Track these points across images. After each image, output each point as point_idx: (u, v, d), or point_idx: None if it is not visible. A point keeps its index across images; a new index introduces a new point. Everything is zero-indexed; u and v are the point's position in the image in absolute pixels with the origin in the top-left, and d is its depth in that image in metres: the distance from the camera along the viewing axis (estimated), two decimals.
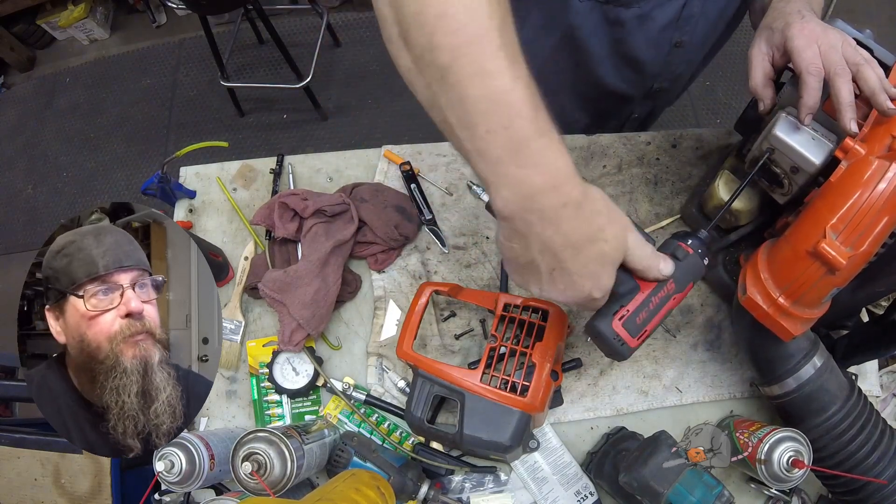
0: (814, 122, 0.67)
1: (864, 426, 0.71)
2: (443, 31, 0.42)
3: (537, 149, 0.44)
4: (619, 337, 0.56)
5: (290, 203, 0.96)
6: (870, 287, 0.72)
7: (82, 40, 2.82)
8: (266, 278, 0.91)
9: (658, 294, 0.57)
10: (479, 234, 1.01)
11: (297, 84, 2.25)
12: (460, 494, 0.84)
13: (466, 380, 0.78)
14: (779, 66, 0.69)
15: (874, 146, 0.60)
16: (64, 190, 2.54)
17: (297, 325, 0.88)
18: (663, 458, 0.69)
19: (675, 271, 0.57)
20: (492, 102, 0.42)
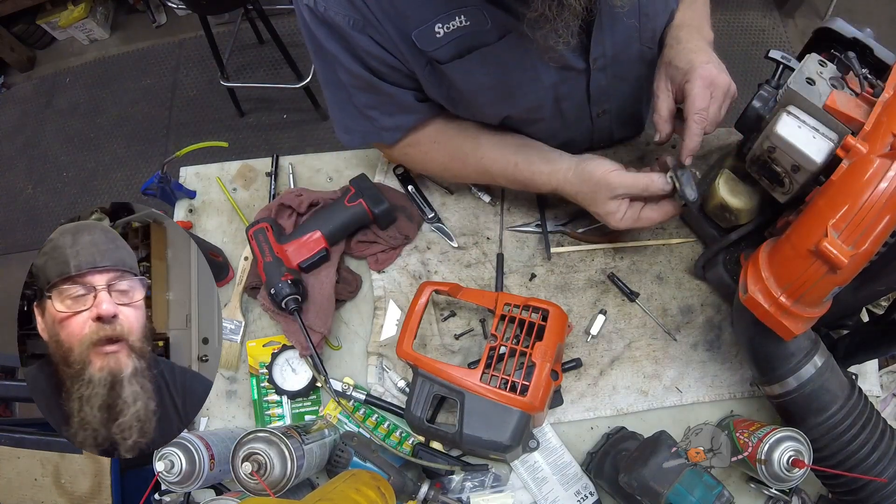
0: (815, 121, 0.67)
1: (865, 426, 0.71)
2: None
3: (537, 169, 0.85)
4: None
5: (286, 201, 0.97)
6: (871, 286, 0.72)
7: (82, 40, 2.82)
8: (263, 293, 0.92)
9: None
10: (480, 233, 1.01)
11: (297, 84, 2.25)
12: (460, 494, 0.84)
13: (466, 379, 0.78)
14: (679, 102, 0.77)
15: (876, 145, 0.60)
16: (64, 190, 2.54)
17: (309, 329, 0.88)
18: (663, 458, 0.69)
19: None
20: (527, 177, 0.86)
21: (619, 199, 0.79)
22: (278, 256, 0.88)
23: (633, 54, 0.82)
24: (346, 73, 0.78)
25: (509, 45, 0.72)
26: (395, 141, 0.89)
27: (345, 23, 0.70)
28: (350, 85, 0.80)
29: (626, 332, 0.93)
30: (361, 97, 0.82)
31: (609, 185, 0.78)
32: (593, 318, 0.93)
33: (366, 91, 0.80)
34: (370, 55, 0.74)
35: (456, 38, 0.71)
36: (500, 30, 0.71)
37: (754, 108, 0.74)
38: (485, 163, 0.87)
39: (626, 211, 0.80)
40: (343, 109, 0.85)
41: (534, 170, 0.84)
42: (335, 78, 0.80)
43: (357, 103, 0.83)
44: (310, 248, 0.91)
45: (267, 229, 0.91)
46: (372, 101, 0.82)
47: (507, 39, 0.72)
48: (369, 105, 0.83)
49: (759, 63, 2.31)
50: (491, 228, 1.01)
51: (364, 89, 0.80)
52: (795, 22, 2.50)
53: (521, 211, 1.01)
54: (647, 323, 0.94)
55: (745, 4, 2.52)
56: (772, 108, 0.74)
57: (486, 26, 0.70)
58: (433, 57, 0.73)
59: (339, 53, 0.74)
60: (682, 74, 0.74)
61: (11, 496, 1.10)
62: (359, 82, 0.79)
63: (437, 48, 0.72)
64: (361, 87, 0.80)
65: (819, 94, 0.67)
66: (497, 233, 1.00)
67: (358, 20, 0.70)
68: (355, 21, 0.70)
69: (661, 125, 0.78)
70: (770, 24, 2.49)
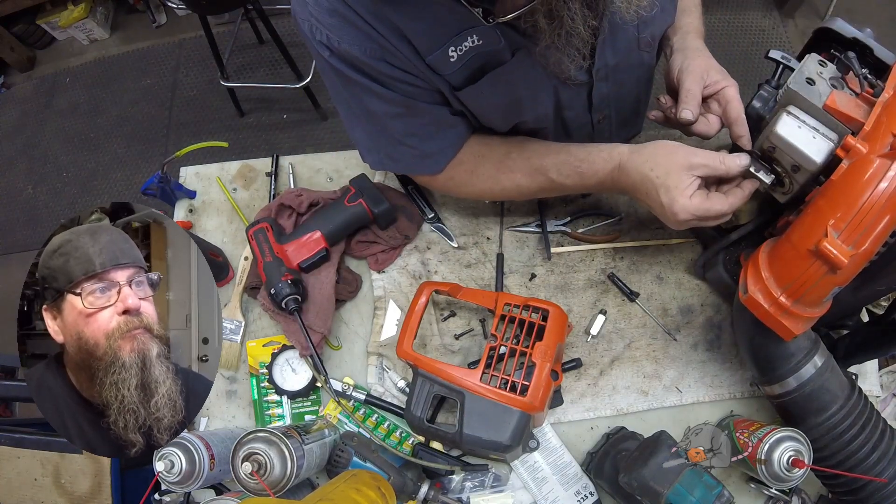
0: (815, 121, 0.67)
1: (865, 426, 0.71)
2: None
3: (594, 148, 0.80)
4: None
5: (286, 201, 0.97)
6: (870, 286, 0.72)
7: (82, 40, 2.82)
8: (263, 293, 0.92)
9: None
10: (480, 233, 1.01)
11: (297, 84, 2.25)
12: (460, 494, 0.84)
13: (466, 379, 0.78)
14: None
15: (875, 145, 0.60)
16: (64, 190, 2.54)
17: (309, 329, 0.88)
18: (663, 458, 0.69)
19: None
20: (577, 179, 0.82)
21: (693, 177, 0.72)
22: (278, 256, 0.88)
23: (633, 61, 0.83)
24: (379, 101, 0.76)
25: (518, 63, 0.72)
26: (440, 168, 0.86)
27: (361, 53, 0.69)
28: (384, 114, 0.78)
29: (626, 332, 0.93)
30: (398, 125, 0.79)
31: (689, 154, 0.71)
32: (593, 318, 0.93)
33: (402, 118, 0.78)
34: (395, 79, 0.73)
35: (469, 58, 0.70)
36: (511, 46, 0.71)
37: (754, 108, 0.74)
38: (535, 160, 0.83)
39: (697, 191, 0.72)
40: (377, 140, 0.83)
41: (590, 150, 0.80)
42: (364, 110, 0.78)
43: (395, 133, 0.81)
44: (310, 248, 0.91)
45: (267, 229, 0.91)
46: (410, 128, 0.80)
47: (516, 57, 0.72)
48: (408, 132, 0.81)
49: (759, 63, 2.31)
50: (491, 228, 1.01)
51: (400, 116, 0.78)
52: (795, 22, 2.50)
53: (522, 211, 1.01)
54: (647, 323, 0.94)
55: (745, 4, 2.52)
56: (772, 108, 0.74)
57: (499, 45, 0.70)
58: (448, 81, 0.74)
59: (367, 83, 0.73)
60: (714, 83, 0.77)
61: (11, 496, 1.10)
62: (393, 108, 0.77)
63: (451, 72, 0.72)
64: (397, 114, 0.77)
65: (819, 94, 0.67)
66: (497, 233, 1.00)
67: (375, 49, 0.69)
68: (372, 50, 0.69)
69: (695, 109, 0.76)
70: (770, 24, 2.49)
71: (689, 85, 0.76)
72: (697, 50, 0.81)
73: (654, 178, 0.72)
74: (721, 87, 0.76)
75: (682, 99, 0.76)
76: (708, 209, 0.71)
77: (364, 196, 0.93)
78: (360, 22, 0.67)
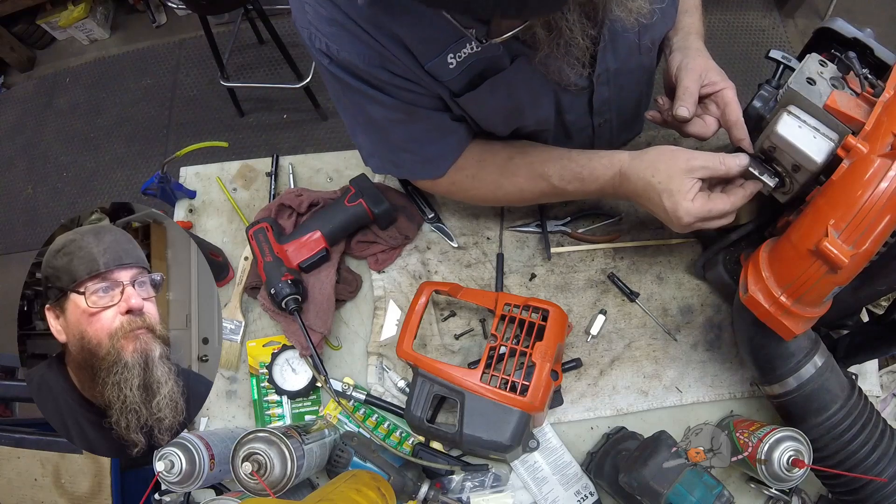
0: (815, 121, 0.67)
1: (865, 426, 0.71)
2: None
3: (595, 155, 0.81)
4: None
5: (286, 201, 0.97)
6: (871, 286, 0.72)
7: (82, 40, 2.82)
8: (263, 293, 0.92)
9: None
10: (480, 234, 1.01)
11: (297, 84, 2.25)
12: (460, 494, 0.84)
13: (466, 379, 0.78)
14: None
15: (876, 145, 0.60)
16: (64, 190, 2.54)
17: (309, 329, 0.88)
18: (663, 458, 0.69)
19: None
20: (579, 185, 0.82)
21: (695, 179, 0.72)
22: (278, 256, 0.88)
23: (633, 66, 0.83)
24: (380, 108, 0.76)
25: (518, 68, 0.73)
26: (442, 173, 0.86)
27: (361, 61, 0.69)
28: (385, 121, 0.78)
29: (626, 332, 0.93)
30: (399, 131, 0.80)
31: (689, 157, 0.72)
32: (593, 318, 0.93)
33: (403, 124, 0.79)
34: (395, 86, 0.73)
35: (468, 65, 0.70)
36: (510, 53, 0.71)
37: (755, 107, 0.74)
38: (536, 165, 0.83)
39: (699, 193, 0.72)
40: (379, 146, 0.83)
41: (591, 155, 0.80)
42: (365, 116, 0.78)
43: (396, 139, 0.81)
44: (310, 248, 0.91)
45: (267, 229, 0.91)
46: (411, 133, 0.81)
47: (516, 63, 0.72)
48: (409, 138, 0.81)
49: (760, 63, 2.32)
50: (491, 228, 1.01)
51: (401, 122, 0.78)
52: (795, 22, 2.50)
53: (522, 211, 1.01)
54: (647, 323, 0.94)
55: (745, 4, 2.52)
56: (772, 107, 0.74)
57: (498, 52, 0.70)
58: (447, 87, 0.74)
59: (367, 90, 0.73)
60: (712, 83, 0.77)
61: (11, 496, 1.10)
62: (394, 115, 0.77)
63: (450, 78, 0.72)
64: (398, 120, 0.78)
65: (819, 94, 0.67)
66: (497, 233, 1.00)
67: (374, 57, 0.69)
68: (371, 58, 0.69)
69: (691, 107, 0.76)
70: (770, 24, 2.49)
71: (686, 83, 0.76)
72: (697, 50, 0.81)
73: (657, 184, 0.73)
74: (719, 89, 0.76)
75: (679, 96, 0.76)
76: (710, 210, 0.71)
77: (364, 196, 0.93)
78: (359, 31, 0.67)
